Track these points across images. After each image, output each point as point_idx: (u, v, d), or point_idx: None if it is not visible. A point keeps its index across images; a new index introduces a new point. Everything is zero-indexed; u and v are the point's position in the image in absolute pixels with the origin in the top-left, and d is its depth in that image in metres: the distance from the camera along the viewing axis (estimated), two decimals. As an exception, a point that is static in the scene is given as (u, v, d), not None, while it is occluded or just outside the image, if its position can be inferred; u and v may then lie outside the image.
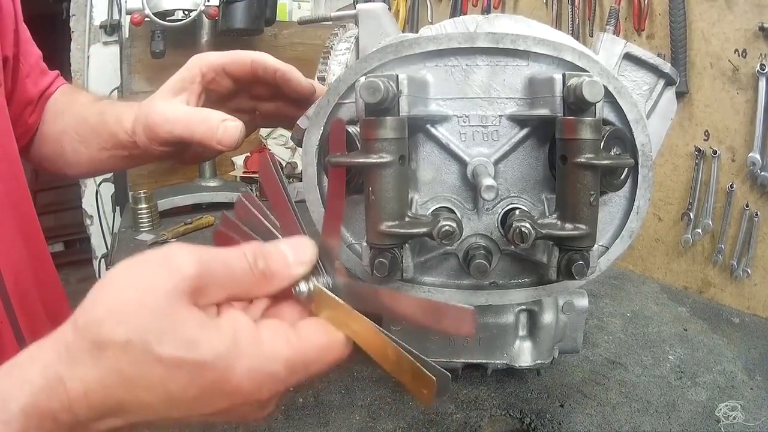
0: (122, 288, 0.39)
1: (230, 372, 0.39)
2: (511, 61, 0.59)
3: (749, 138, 1.15)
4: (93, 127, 0.76)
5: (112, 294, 0.39)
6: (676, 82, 0.68)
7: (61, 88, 0.88)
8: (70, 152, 0.80)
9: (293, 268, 0.44)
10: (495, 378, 0.87)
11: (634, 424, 0.80)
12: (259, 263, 0.43)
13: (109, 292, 0.39)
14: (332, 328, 0.43)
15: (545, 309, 0.76)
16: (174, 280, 0.39)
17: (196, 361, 0.38)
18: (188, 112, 0.65)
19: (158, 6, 1.86)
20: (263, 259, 0.43)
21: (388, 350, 0.43)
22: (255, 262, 0.42)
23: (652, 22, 1.32)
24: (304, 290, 0.44)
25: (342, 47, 0.73)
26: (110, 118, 0.73)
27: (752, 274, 1.19)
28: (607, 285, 1.28)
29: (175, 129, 0.64)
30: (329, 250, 0.46)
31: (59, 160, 0.83)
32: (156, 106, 0.66)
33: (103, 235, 2.65)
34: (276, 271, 0.43)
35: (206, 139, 0.63)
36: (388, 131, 0.51)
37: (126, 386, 0.37)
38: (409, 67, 0.59)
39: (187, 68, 0.68)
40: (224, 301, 0.42)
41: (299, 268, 0.44)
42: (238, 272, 0.42)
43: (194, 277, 0.40)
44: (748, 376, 0.92)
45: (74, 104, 0.82)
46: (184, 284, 0.39)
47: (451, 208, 0.62)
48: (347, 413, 0.81)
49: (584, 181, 0.53)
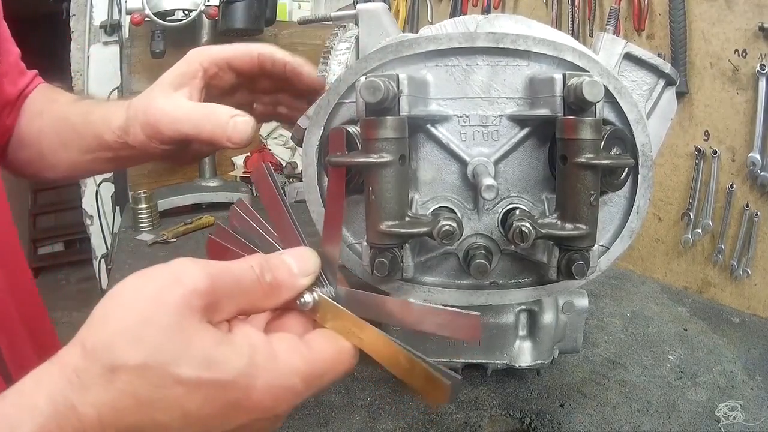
0: (131, 306, 0.37)
1: (250, 389, 0.38)
2: (511, 61, 0.59)
3: (749, 138, 1.15)
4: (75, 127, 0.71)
5: (121, 313, 0.37)
6: (677, 82, 0.68)
7: (40, 87, 0.82)
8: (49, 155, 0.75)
9: (299, 280, 0.44)
10: (495, 378, 0.87)
11: (634, 424, 0.80)
12: (267, 276, 0.42)
13: (118, 311, 0.38)
14: (341, 338, 0.44)
15: (545, 309, 0.76)
16: (186, 296, 0.38)
17: (217, 380, 0.37)
18: (194, 107, 0.62)
19: (158, 6, 1.86)
20: (270, 272, 0.42)
21: (400, 357, 0.43)
22: (262, 275, 0.42)
23: (652, 22, 1.32)
24: (309, 301, 0.44)
25: (342, 47, 0.73)
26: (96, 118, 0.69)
27: (752, 274, 1.19)
28: (607, 285, 1.28)
29: (181, 126, 0.60)
30: (330, 259, 0.46)
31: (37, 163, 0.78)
32: (156, 102, 0.62)
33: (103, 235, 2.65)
34: (282, 283, 0.43)
35: (215, 136, 0.60)
36: (388, 131, 0.51)
37: (142, 409, 0.36)
38: (409, 66, 0.59)
39: (187, 62, 0.64)
40: (234, 315, 0.42)
41: (304, 279, 0.44)
42: (247, 285, 0.41)
43: (206, 292, 0.38)
44: (748, 376, 0.92)
45: (54, 104, 0.77)
46: (196, 301, 0.38)
47: (451, 208, 0.62)
48: (347, 413, 0.81)
49: (584, 180, 0.53)
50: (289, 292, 0.43)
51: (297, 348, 0.41)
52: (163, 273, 0.39)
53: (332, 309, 0.44)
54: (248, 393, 0.38)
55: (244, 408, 0.39)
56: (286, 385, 0.40)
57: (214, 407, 0.37)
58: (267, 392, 0.39)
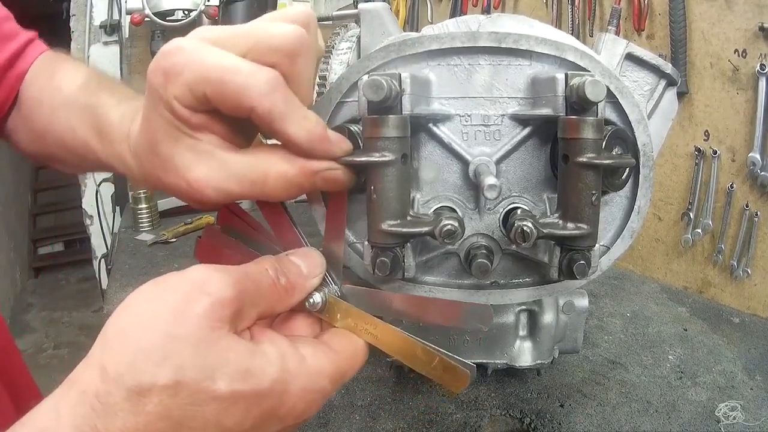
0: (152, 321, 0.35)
1: (286, 395, 0.38)
2: (513, 61, 0.59)
3: (749, 138, 1.15)
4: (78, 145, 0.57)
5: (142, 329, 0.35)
6: (678, 82, 0.68)
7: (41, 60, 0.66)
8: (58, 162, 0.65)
9: (308, 281, 0.44)
10: (495, 378, 0.87)
11: (634, 424, 0.80)
12: (282, 278, 0.42)
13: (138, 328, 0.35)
14: (354, 336, 0.44)
15: (545, 309, 0.76)
16: (214, 306, 0.36)
17: (253, 391, 0.36)
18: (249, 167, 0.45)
19: (158, 6, 1.86)
20: (284, 274, 0.42)
21: (417, 350, 0.44)
22: (278, 278, 0.41)
23: (652, 22, 1.32)
24: (319, 301, 0.44)
25: (344, 46, 0.73)
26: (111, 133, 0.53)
27: (752, 274, 1.19)
28: (607, 285, 1.28)
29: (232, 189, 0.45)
30: (334, 258, 0.47)
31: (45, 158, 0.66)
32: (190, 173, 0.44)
33: (103, 235, 2.65)
34: (295, 285, 0.43)
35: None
36: (390, 129, 0.51)
37: (176, 430, 0.34)
38: (411, 66, 0.59)
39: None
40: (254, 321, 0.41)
41: (313, 280, 0.44)
42: (266, 289, 0.41)
43: (232, 301, 0.37)
44: (748, 376, 0.92)
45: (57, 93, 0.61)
46: (224, 311, 0.36)
47: (452, 208, 0.62)
48: (347, 413, 0.81)
49: (586, 180, 0.53)
50: (301, 294, 0.43)
51: (321, 350, 0.41)
52: (183, 282, 0.37)
53: (342, 308, 0.45)
54: (283, 400, 0.38)
55: (279, 416, 0.38)
56: (318, 388, 0.40)
57: (251, 419, 0.37)
58: (300, 397, 0.39)
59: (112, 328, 0.36)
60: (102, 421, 0.33)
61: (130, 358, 0.34)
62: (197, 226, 1.71)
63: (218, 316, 0.36)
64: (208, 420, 0.35)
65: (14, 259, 4.62)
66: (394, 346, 0.44)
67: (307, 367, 0.39)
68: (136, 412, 0.33)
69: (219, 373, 0.35)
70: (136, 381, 0.33)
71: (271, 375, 0.37)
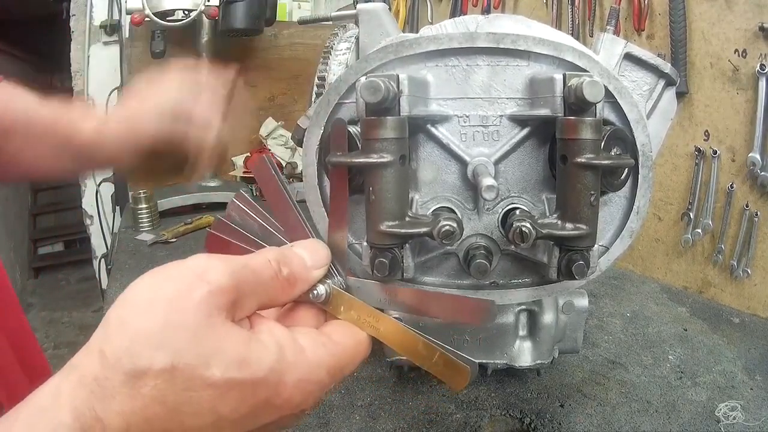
0: (151, 308, 0.36)
1: (281, 386, 0.38)
2: (511, 61, 0.59)
3: (749, 138, 1.15)
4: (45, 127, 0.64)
5: (141, 316, 0.35)
6: (677, 82, 0.68)
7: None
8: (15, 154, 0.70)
9: (312, 272, 0.43)
10: (495, 378, 0.87)
11: (634, 424, 0.80)
12: (284, 270, 0.42)
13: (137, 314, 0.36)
14: (356, 329, 0.44)
15: (545, 309, 0.76)
16: (212, 294, 0.36)
17: (248, 379, 0.36)
18: None
19: (158, 6, 1.86)
20: (286, 265, 0.42)
21: (418, 345, 0.44)
22: (280, 269, 0.41)
23: (652, 22, 1.32)
24: (322, 293, 0.44)
25: (342, 47, 0.73)
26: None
27: (752, 274, 1.19)
28: (607, 285, 1.28)
29: None
30: (338, 250, 0.46)
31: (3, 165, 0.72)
32: None
33: (103, 235, 2.65)
34: (298, 276, 0.43)
35: None
36: (388, 131, 0.51)
37: (171, 415, 0.35)
38: (409, 67, 0.59)
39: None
40: (254, 311, 0.41)
41: (317, 271, 0.44)
42: (266, 280, 0.41)
43: (230, 289, 0.37)
44: (748, 376, 0.92)
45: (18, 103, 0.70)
46: (221, 299, 0.37)
47: (451, 208, 0.62)
48: (347, 413, 0.81)
49: (585, 181, 0.53)
50: (304, 285, 0.43)
51: (321, 341, 0.41)
52: (183, 271, 0.37)
53: (345, 300, 0.45)
54: (279, 390, 0.38)
55: (275, 405, 0.38)
56: (315, 379, 0.40)
57: (246, 407, 0.37)
58: (297, 388, 0.39)
59: (113, 315, 0.36)
60: (100, 403, 0.34)
61: (127, 343, 0.34)
62: (197, 226, 1.71)
63: (216, 304, 0.36)
64: (203, 406, 0.35)
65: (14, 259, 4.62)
66: (397, 339, 0.44)
67: (305, 357, 0.39)
68: (132, 396, 0.34)
69: (214, 360, 0.35)
70: (133, 365, 0.34)
71: (267, 364, 0.37)
